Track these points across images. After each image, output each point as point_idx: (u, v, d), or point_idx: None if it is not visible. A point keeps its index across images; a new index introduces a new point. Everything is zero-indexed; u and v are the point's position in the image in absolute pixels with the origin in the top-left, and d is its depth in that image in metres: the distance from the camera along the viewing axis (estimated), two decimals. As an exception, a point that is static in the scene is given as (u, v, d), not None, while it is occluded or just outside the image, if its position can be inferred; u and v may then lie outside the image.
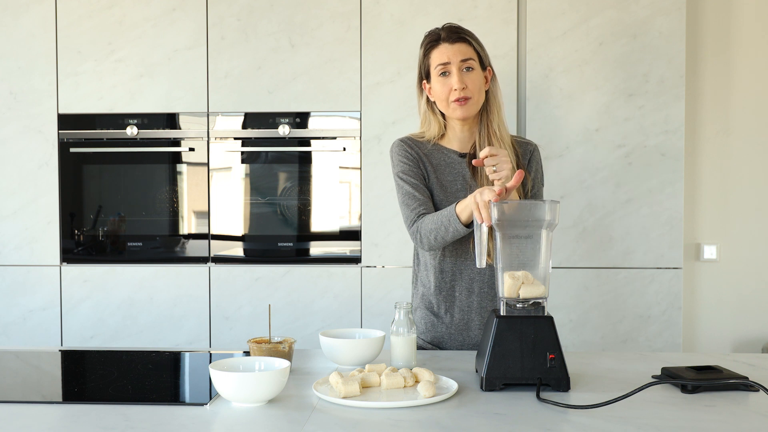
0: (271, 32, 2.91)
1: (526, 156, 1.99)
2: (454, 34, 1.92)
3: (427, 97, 1.99)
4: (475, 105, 1.92)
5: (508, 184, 1.66)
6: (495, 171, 1.75)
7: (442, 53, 1.91)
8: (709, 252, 3.04)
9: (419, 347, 1.94)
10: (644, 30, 2.82)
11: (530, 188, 1.97)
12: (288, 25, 2.91)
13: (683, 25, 2.82)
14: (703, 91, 3.03)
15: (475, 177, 1.95)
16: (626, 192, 2.84)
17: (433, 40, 1.94)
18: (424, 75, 1.97)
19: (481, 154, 1.76)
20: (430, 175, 1.97)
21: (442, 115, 1.98)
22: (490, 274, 1.95)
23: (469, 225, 1.77)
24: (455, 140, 1.99)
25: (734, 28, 3.02)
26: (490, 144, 1.92)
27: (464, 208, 1.76)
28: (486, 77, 1.96)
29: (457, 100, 1.89)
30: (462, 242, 1.93)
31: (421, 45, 1.98)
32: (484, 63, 1.95)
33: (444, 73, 1.91)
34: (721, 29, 3.02)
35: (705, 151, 3.04)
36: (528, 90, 2.86)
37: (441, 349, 1.96)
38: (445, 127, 2.00)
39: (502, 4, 2.86)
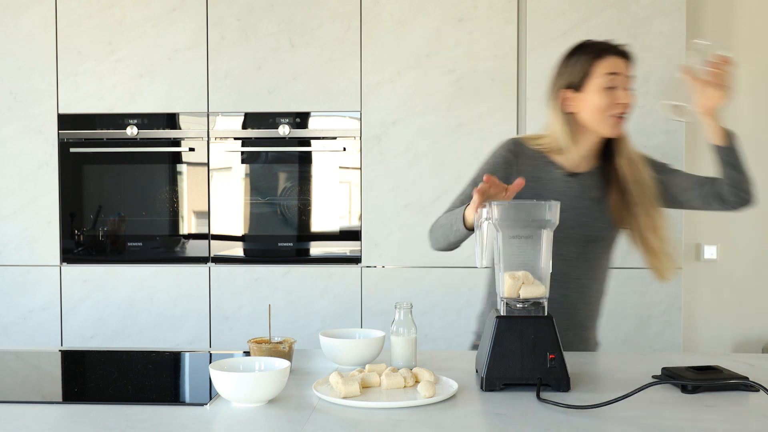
0: (271, 32, 2.91)
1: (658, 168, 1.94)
2: (622, 51, 1.82)
3: (561, 108, 1.84)
4: (625, 126, 1.83)
5: (509, 187, 1.61)
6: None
7: (612, 64, 1.80)
8: (709, 252, 3.04)
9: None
10: (644, 30, 2.82)
11: (684, 188, 1.97)
12: (288, 25, 2.91)
13: (683, 25, 2.81)
14: (703, 91, 3.02)
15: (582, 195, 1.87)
16: (626, 192, 2.84)
17: (602, 49, 1.82)
18: (574, 84, 1.83)
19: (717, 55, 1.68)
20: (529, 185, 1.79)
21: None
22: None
23: (473, 228, 1.73)
24: (569, 159, 1.87)
25: (734, 28, 3.02)
26: (627, 165, 1.90)
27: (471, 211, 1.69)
28: None
29: (620, 115, 1.81)
30: None
31: (575, 53, 1.86)
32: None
33: (610, 86, 1.79)
34: (721, 29, 3.02)
35: (705, 151, 3.03)
36: (528, 90, 2.86)
37: None
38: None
39: (502, 4, 2.86)
